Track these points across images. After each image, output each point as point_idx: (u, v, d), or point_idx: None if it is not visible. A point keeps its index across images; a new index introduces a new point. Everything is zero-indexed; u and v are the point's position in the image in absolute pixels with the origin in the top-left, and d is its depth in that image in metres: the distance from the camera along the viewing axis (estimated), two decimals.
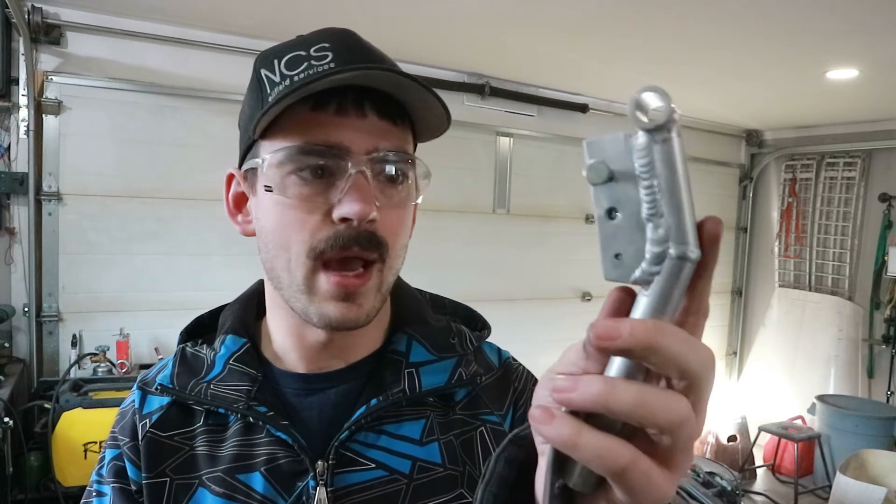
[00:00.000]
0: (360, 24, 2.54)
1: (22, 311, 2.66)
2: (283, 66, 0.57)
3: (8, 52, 2.58)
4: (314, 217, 0.56)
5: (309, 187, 0.56)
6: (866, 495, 3.02)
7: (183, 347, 0.66)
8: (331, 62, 0.56)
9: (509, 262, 3.86)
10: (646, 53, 3.04)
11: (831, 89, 3.46)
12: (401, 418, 0.63)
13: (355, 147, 0.56)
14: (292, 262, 0.57)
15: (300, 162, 0.56)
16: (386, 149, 0.57)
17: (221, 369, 0.63)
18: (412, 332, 0.66)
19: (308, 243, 0.56)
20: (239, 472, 0.59)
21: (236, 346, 0.64)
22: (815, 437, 3.90)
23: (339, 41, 0.58)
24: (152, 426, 0.63)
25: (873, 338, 4.27)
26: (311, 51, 0.57)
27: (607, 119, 4.16)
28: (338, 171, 0.56)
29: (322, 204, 0.56)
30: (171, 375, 0.63)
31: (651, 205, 0.31)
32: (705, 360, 0.31)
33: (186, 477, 0.60)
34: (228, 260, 3.02)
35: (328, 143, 0.55)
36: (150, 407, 0.64)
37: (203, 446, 0.61)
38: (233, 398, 0.61)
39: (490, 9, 2.54)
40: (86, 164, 2.74)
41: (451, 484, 0.62)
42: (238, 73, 3.02)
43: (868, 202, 4.33)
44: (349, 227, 0.55)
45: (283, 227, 0.57)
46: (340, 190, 0.55)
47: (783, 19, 2.48)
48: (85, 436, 2.19)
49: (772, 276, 4.92)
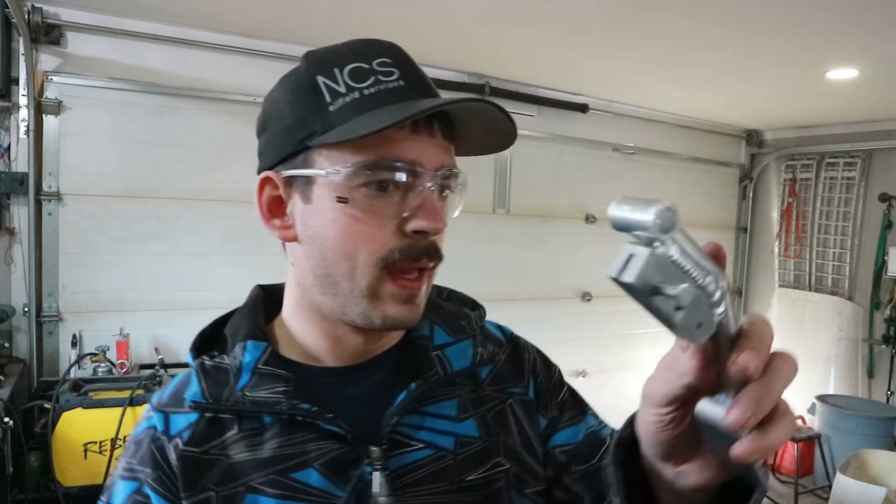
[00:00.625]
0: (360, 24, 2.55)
1: (22, 311, 2.66)
2: (347, 77, 0.59)
3: (8, 52, 2.58)
4: (385, 229, 0.59)
5: (381, 200, 0.58)
6: (866, 495, 3.02)
7: (201, 362, 0.64)
8: (399, 80, 0.59)
9: (509, 262, 3.86)
10: (646, 53, 3.04)
11: (831, 89, 3.46)
12: (437, 399, 0.66)
13: (427, 164, 0.59)
14: (358, 271, 0.59)
15: (376, 175, 0.58)
16: (448, 165, 0.61)
17: (251, 376, 0.62)
18: (432, 318, 0.70)
19: (378, 254, 0.59)
20: (292, 471, 0.60)
21: (259, 351, 0.64)
22: (815, 437, 3.90)
23: (397, 56, 0.61)
24: (186, 444, 0.61)
25: (873, 338, 4.27)
26: (374, 64, 0.59)
27: (607, 119, 4.16)
28: (410, 185, 0.59)
29: (393, 216, 0.59)
30: (200, 391, 0.62)
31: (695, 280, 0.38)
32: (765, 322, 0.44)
33: (230, 487, 0.60)
34: (228, 260, 3.02)
35: (405, 159, 0.58)
36: (176, 427, 0.63)
37: (241, 453, 0.61)
38: (273, 401, 0.61)
39: (490, 9, 2.54)
40: (86, 164, 2.74)
41: (489, 454, 0.66)
42: (238, 73, 3.02)
43: (868, 202, 4.33)
44: (421, 240, 0.59)
45: (349, 236, 0.59)
46: (412, 204, 0.59)
47: (783, 19, 2.48)
48: (85, 436, 2.20)
49: (772, 276, 4.92)
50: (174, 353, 2.88)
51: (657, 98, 4.00)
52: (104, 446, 2.20)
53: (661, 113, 4.35)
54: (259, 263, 3.03)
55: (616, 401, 4.37)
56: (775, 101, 3.92)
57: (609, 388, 4.27)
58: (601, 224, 4.22)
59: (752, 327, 0.41)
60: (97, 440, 2.20)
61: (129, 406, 2.23)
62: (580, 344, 4.16)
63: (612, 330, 4.33)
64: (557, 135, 3.95)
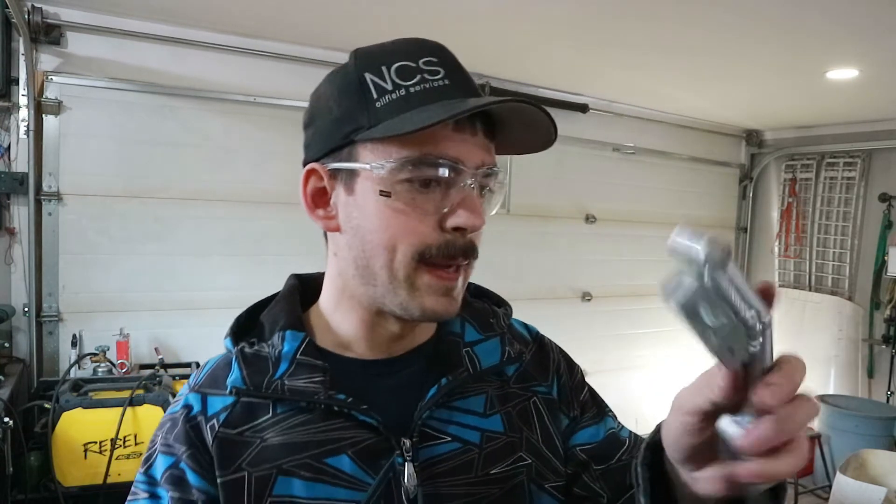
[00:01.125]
0: (360, 24, 2.54)
1: (22, 311, 2.66)
2: (393, 75, 0.61)
3: (8, 52, 2.58)
4: (425, 224, 0.60)
5: (422, 195, 0.60)
6: (866, 495, 3.02)
7: (241, 349, 0.66)
8: (444, 79, 0.61)
9: (509, 262, 3.86)
10: (646, 53, 3.04)
11: (831, 89, 3.46)
12: (465, 394, 0.69)
13: (469, 162, 0.60)
14: (396, 262, 0.61)
15: (419, 171, 0.59)
16: (489, 164, 0.63)
17: (289, 365, 0.65)
18: (462, 314, 0.72)
19: (416, 247, 0.60)
20: (325, 457, 0.63)
21: (298, 341, 0.67)
22: (815, 437, 3.89)
23: (443, 56, 0.63)
24: (222, 426, 0.63)
25: (873, 338, 4.27)
26: (420, 63, 0.61)
27: (607, 119, 4.16)
28: (451, 182, 0.60)
29: (433, 212, 0.60)
30: (242, 377, 0.64)
31: (736, 311, 0.40)
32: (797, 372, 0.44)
33: (263, 468, 0.62)
34: (228, 260, 3.02)
35: (447, 156, 0.59)
36: (213, 408, 0.65)
37: (276, 437, 0.63)
38: (311, 390, 0.63)
39: (490, 9, 2.54)
40: (86, 164, 2.74)
41: (513, 449, 0.69)
42: (238, 73, 3.02)
43: (868, 202, 4.33)
44: (460, 237, 0.61)
45: (390, 229, 0.61)
46: (452, 200, 0.60)
47: (783, 19, 2.48)
48: (85, 436, 2.19)
49: (772, 276, 4.92)
50: (174, 353, 2.88)
51: (657, 98, 4.00)
52: (104, 446, 2.20)
53: (661, 113, 4.35)
54: (259, 263, 3.05)
55: (616, 401, 4.38)
56: (775, 101, 3.92)
57: (609, 388, 4.25)
58: (601, 224, 4.22)
59: (786, 365, 0.43)
60: (97, 440, 2.20)
61: (129, 406, 2.23)
62: (580, 344, 4.15)
63: (612, 330, 4.33)
64: (557, 135, 3.95)
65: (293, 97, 3.05)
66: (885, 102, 3.73)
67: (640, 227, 4.41)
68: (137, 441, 2.24)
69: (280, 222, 3.04)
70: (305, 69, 3.10)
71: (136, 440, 2.24)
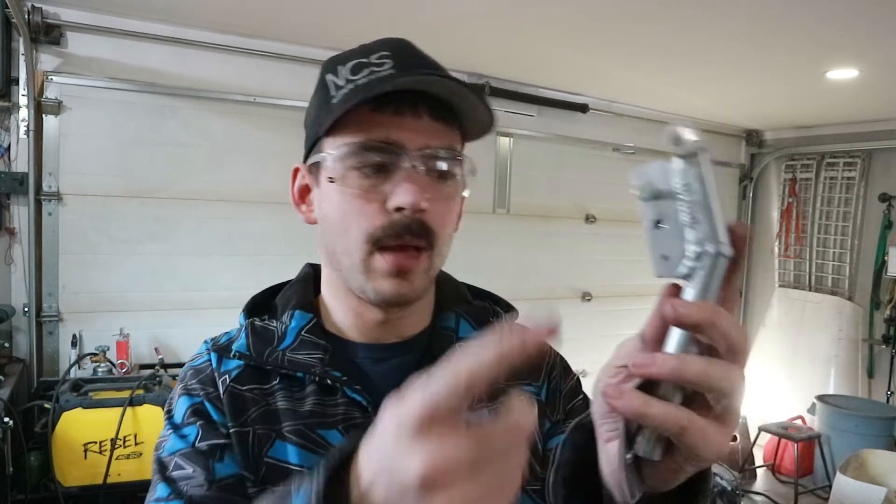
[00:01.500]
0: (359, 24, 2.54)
1: (22, 311, 2.66)
2: (347, 72, 0.65)
3: (8, 52, 2.58)
4: (372, 206, 0.63)
5: (368, 180, 0.63)
6: (866, 495, 3.02)
7: (252, 322, 0.72)
8: (391, 68, 0.64)
9: (509, 262, 3.86)
10: (646, 53, 3.04)
11: (831, 89, 3.46)
12: None
13: (410, 144, 0.63)
14: (351, 246, 0.65)
15: (361, 157, 0.63)
16: (437, 146, 0.64)
17: (293, 340, 0.69)
18: (458, 311, 0.75)
19: (366, 230, 0.63)
20: (318, 427, 0.65)
21: (305, 321, 0.71)
22: (815, 437, 3.90)
23: (397, 49, 0.66)
24: (232, 381, 0.68)
25: (873, 338, 4.27)
26: (373, 58, 0.65)
27: (607, 119, 4.16)
28: (394, 165, 0.63)
29: (379, 195, 0.63)
30: (247, 344, 0.69)
31: (689, 213, 0.39)
32: (744, 335, 0.40)
33: (265, 428, 0.65)
34: (228, 260, 3.02)
35: (387, 140, 0.63)
36: (227, 367, 0.69)
37: (281, 402, 0.66)
38: (309, 363, 0.67)
39: (490, 9, 2.54)
40: (86, 164, 2.74)
41: None
42: (238, 73, 3.02)
43: (868, 202, 4.33)
44: (402, 216, 0.62)
45: (344, 214, 0.65)
46: (395, 182, 0.63)
47: (783, 19, 2.48)
48: (85, 436, 2.19)
49: (772, 276, 4.92)
50: (174, 353, 2.88)
51: (657, 98, 4.00)
52: (104, 446, 2.20)
53: (661, 113, 4.35)
54: (259, 263, 3.05)
55: None
56: (775, 101, 3.92)
57: None
58: (601, 224, 4.22)
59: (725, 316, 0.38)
60: (97, 440, 2.20)
61: (129, 406, 2.23)
62: (580, 344, 4.15)
63: (612, 330, 4.33)
64: (557, 135, 3.95)
65: (293, 97, 3.05)
66: (885, 102, 3.73)
67: (640, 228, 4.40)
68: (137, 441, 2.24)
69: (280, 222, 3.04)
70: (305, 69, 3.10)
71: (136, 440, 2.24)
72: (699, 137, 0.38)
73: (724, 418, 0.40)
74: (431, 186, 0.64)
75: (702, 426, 0.39)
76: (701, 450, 0.39)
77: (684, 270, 0.39)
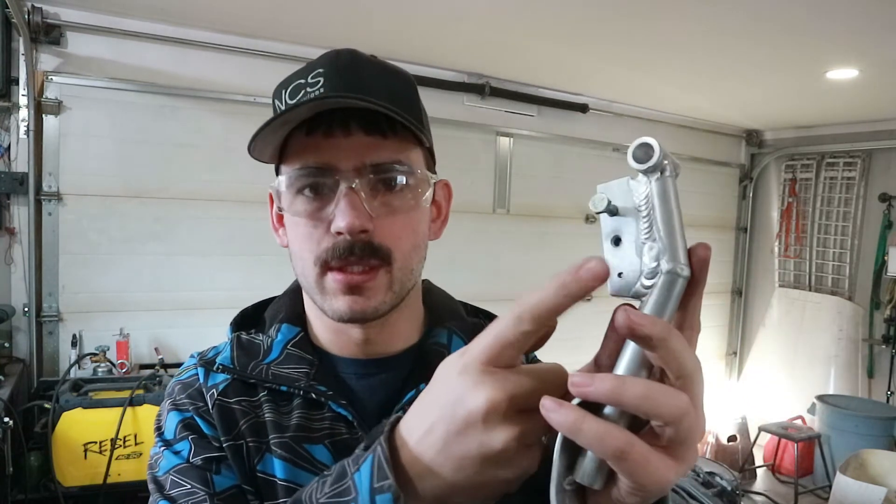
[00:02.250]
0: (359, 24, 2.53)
1: (22, 311, 2.66)
2: (287, 96, 0.64)
3: (8, 52, 2.58)
4: (318, 230, 0.63)
5: (311, 204, 0.63)
6: (866, 495, 3.02)
7: (238, 335, 0.72)
8: (320, 88, 0.62)
9: (509, 262, 3.86)
10: (646, 53, 3.04)
11: (831, 89, 3.46)
12: None
13: (342, 165, 0.62)
14: (306, 269, 0.65)
15: (300, 183, 0.63)
16: (373, 162, 0.62)
17: (279, 354, 0.69)
18: (451, 327, 0.73)
19: (314, 252, 0.63)
20: (304, 442, 0.64)
21: (292, 334, 0.70)
22: (815, 437, 3.90)
23: (332, 65, 0.64)
24: (220, 394, 0.67)
25: (873, 338, 4.27)
26: (309, 78, 0.63)
27: (607, 119, 4.16)
28: (330, 188, 0.62)
29: (324, 218, 0.63)
30: (231, 357, 0.69)
31: (647, 230, 0.37)
32: (698, 364, 0.37)
33: (256, 440, 0.65)
34: (228, 260, 3.02)
35: (318, 163, 0.62)
36: (213, 381, 0.68)
37: (269, 414, 0.66)
38: (294, 377, 0.66)
39: (490, 9, 2.54)
40: (86, 164, 2.74)
41: None
42: (238, 73, 3.02)
43: (868, 202, 4.33)
44: (344, 239, 0.61)
45: (297, 238, 0.65)
46: (335, 204, 0.62)
47: (783, 19, 2.48)
48: (85, 436, 2.20)
49: (772, 276, 4.92)
50: (174, 353, 2.88)
51: (657, 98, 4.00)
52: (104, 446, 2.20)
53: (661, 113, 4.35)
54: (259, 263, 3.05)
55: None
56: (775, 101, 3.92)
57: None
58: None
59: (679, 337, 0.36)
60: (97, 440, 2.20)
61: (128, 406, 2.23)
62: (580, 344, 4.14)
63: None
64: (557, 135, 3.95)
65: None
66: (885, 102, 3.73)
67: None
68: (137, 441, 2.24)
69: None
70: None
71: (136, 440, 2.24)
72: (661, 150, 0.36)
73: (672, 449, 0.37)
74: (379, 202, 0.62)
75: (644, 453, 0.36)
76: (642, 479, 0.36)
77: (638, 288, 0.38)
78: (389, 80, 0.66)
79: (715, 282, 4.98)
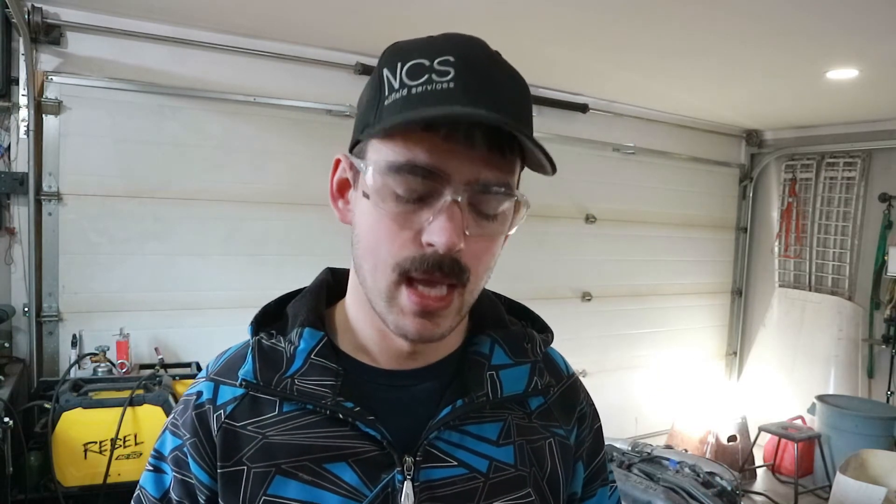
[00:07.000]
0: (359, 25, 2.54)
1: (22, 311, 2.66)
2: (404, 73, 0.57)
3: (8, 52, 2.58)
4: (405, 234, 0.57)
5: (406, 205, 0.57)
6: (866, 495, 3.02)
7: (259, 340, 0.66)
8: (450, 81, 0.56)
9: (509, 262, 3.84)
10: (646, 53, 3.04)
11: (831, 89, 3.46)
12: (482, 420, 0.66)
13: (457, 175, 0.56)
14: (378, 270, 0.59)
15: (401, 178, 0.56)
16: (487, 180, 0.57)
17: (302, 364, 0.64)
18: (494, 335, 0.69)
19: (395, 258, 0.57)
20: (326, 462, 0.61)
21: (314, 340, 0.65)
22: (815, 437, 3.90)
23: (464, 56, 0.57)
24: (227, 417, 0.64)
25: (873, 338, 4.27)
26: (435, 62, 0.56)
27: (607, 119, 4.16)
28: (435, 195, 0.56)
29: (415, 223, 0.57)
30: (253, 371, 0.63)
31: None
32: None
33: (262, 465, 0.62)
34: (228, 260, 3.02)
35: (431, 166, 0.56)
36: (223, 398, 0.65)
37: (279, 435, 0.62)
38: (319, 394, 0.62)
39: (491, 9, 2.54)
40: (86, 164, 2.74)
41: (520, 484, 0.66)
42: (238, 73, 3.02)
43: (868, 202, 4.33)
44: (435, 252, 0.56)
45: (374, 232, 0.58)
46: (434, 214, 0.56)
47: (783, 19, 2.48)
48: (85, 436, 2.19)
49: (772, 276, 4.92)
50: (174, 353, 2.88)
51: (657, 98, 4.00)
52: (104, 446, 2.20)
53: (661, 113, 4.35)
54: (259, 263, 3.04)
55: (616, 400, 4.39)
56: (775, 101, 3.92)
57: (609, 388, 4.27)
58: (601, 224, 4.23)
59: None
60: (97, 440, 2.20)
61: (129, 406, 2.23)
62: (580, 344, 4.16)
63: (612, 330, 4.33)
64: (557, 135, 3.95)
65: (293, 97, 3.05)
66: (885, 102, 3.73)
67: (640, 227, 4.41)
68: (137, 441, 2.24)
69: (280, 222, 3.04)
70: (305, 69, 3.10)
71: (136, 440, 2.24)
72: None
73: None
74: (474, 223, 0.58)
75: None
76: None
77: None
78: (516, 86, 0.61)
79: (715, 282, 4.98)
